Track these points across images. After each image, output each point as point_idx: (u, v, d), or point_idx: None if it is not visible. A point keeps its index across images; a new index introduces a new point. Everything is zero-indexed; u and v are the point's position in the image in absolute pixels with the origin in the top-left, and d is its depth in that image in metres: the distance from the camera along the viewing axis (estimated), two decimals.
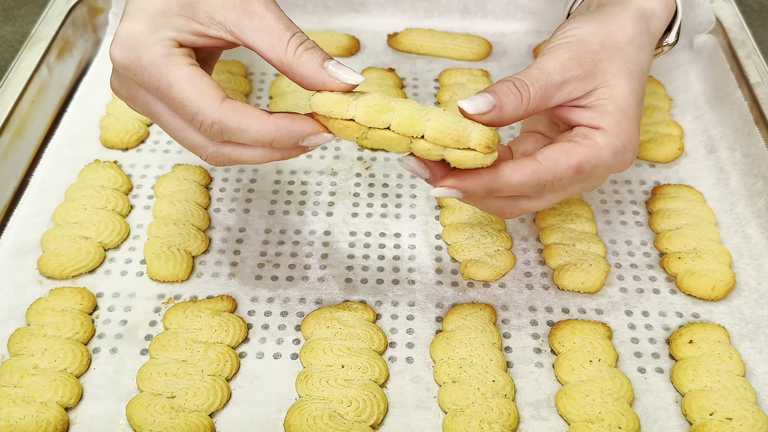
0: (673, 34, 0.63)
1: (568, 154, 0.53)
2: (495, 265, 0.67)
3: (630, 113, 0.55)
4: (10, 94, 0.78)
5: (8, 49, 1.00)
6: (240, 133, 0.50)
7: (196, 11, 0.52)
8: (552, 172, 0.53)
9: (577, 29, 0.56)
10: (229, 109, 0.50)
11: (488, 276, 0.67)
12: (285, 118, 0.51)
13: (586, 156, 0.54)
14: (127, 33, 0.51)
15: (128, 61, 0.51)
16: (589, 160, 0.54)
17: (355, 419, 0.56)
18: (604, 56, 0.55)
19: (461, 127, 0.50)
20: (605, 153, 0.54)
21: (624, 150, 0.55)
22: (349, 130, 0.50)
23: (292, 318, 0.64)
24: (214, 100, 0.50)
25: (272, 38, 0.51)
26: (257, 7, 0.52)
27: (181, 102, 0.50)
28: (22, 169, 0.77)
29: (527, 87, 0.53)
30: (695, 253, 0.68)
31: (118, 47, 0.51)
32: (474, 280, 0.67)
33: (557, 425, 0.58)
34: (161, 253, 0.67)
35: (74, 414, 0.58)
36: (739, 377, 0.59)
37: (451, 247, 0.70)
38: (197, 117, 0.50)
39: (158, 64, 0.50)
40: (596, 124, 0.55)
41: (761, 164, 0.74)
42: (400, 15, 0.95)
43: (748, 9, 1.09)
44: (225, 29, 0.52)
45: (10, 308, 0.64)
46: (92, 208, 0.71)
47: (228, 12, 0.52)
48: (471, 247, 0.69)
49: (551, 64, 0.54)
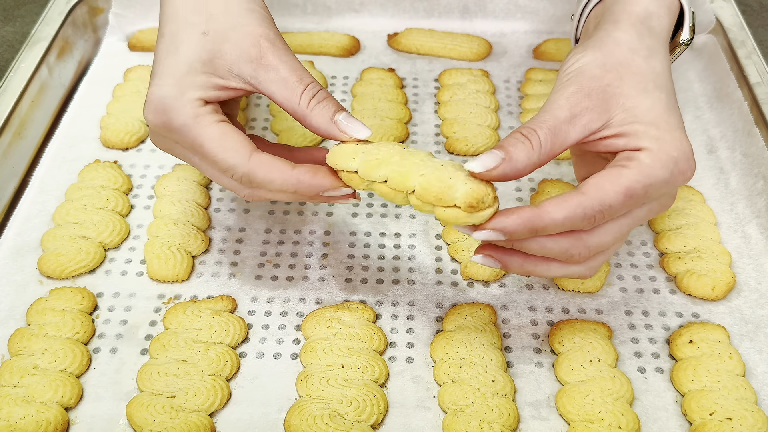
0: (686, 30, 0.60)
1: (613, 180, 0.50)
2: None
3: (664, 124, 0.52)
4: (10, 94, 0.78)
5: (8, 49, 1.00)
6: (266, 184, 0.55)
7: (216, 67, 0.55)
8: (598, 200, 0.49)
9: (574, 63, 0.55)
10: (256, 164, 0.54)
11: (488, 276, 0.67)
12: (307, 173, 0.54)
13: (634, 177, 0.50)
14: (158, 97, 0.55)
15: (161, 123, 0.56)
16: (639, 180, 0.50)
17: (355, 419, 0.56)
18: (611, 78, 0.53)
19: (446, 185, 0.49)
20: (655, 170, 0.50)
21: (676, 160, 0.51)
22: (354, 182, 0.54)
23: (292, 318, 0.64)
24: (242, 156, 0.54)
25: (287, 90, 0.55)
26: (272, 60, 0.55)
27: (213, 159, 0.55)
28: (22, 169, 0.77)
29: (535, 132, 0.51)
30: (695, 253, 0.68)
31: (150, 110, 0.56)
32: (474, 280, 0.67)
33: (557, 425, 0.58)
34: (161, 253, 0.67)
35: (74, 414, 0.58)
36: (739, 377, 0.59)
37: (451, 247, 0.70)
38: (228, 171, 0.55)
39: (189, 125, 0.55)
40: (635, 146, 0.51)
41: (761, 164, 0.74)
42: (400, 15, 0.95)
43: (748, 9, 1.09)
44: (244, 81, 0.56)
45: (10, 308, 0.64)
46: (92, 208, 0.71)
47: (245, 65, 0.55)
48: (471, 247, 0.69)
49: (557, 104, 0.52)
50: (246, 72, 0.55)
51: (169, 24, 0.57)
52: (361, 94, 0.85)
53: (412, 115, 0.84)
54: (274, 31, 0.57)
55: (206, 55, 0.55)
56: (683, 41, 0.61)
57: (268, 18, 0.58)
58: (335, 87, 0.87)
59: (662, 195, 0.53)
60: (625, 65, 0.54)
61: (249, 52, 0.55)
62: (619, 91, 0.53)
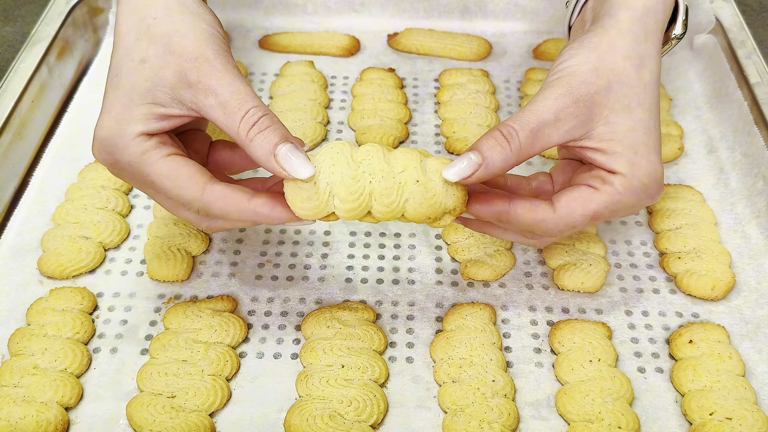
0: (679, 25, 0.60)
1: (584, 203, 0.53)
2: (495, 265, 0.67)
3: (641, 148, 0.53)
4: (10, 94, 0.78)
5: (8, 49, 1.01)
6: (223, 216, 0.53)
7: (156, 95, 0.52)
8: (564, 222, 0.53)
9: (567, 61, 0.54)
10: (211, 199, 0.52)
11: (488, 276, 0.67)
12: (266, 206, 0.52)
13: (604, 203, 0.53)
14: (101, 136, 0.53)
15: (109, 163, 0.54)
16: (608, 206, 0.53)
17: (355, 419, 0.56)
18: (600, 86, 0.53)
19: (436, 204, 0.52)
20: (625, 197, 0.53)
21: (646, 187, 0.53)
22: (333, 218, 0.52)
23: (292, 318, 0.64)
24: (195, 190, 0.52)
25: (226, 117, 0.51)
26: (212, 82, 0.51)
27: (167, 195, 0.53)
28: (22, 169, 0.77)
29: (516, 134, 0.51)
30: (695, 253, 0.68)
31: (96, 151, 0.54)
32: (474, 280, 0.67)
33: (557, 425, 0.58)
34: (161, 253, 0.67)
35: (74, 414, 0.58)
36: (739, 377, 0.59)
37: (451, 247, 0.70)
38: (183, 206, 0.54)
39: (135, 164, 0.52)
40: (610, 167, 0.53)
41: (761, 164, 0.74)
42: (400, 15, 0.95)
43: (748, 9, 1.09)
44: (186, 107, 0.52)
45: (11, 308, 0.64)
46: (92, 208, 0.71)
47: (185, 91, 0.51)
48: (471, 246, 0.69)
49: (543, 104, 0.52)
50: (186, 98, 0.52)
51: (115, 52, 0.54)
52: (361, 94, 0.85)
53: (412, 115, 0.84)
54: (217, 45, 0.53)
55: (146, 84, 0.52)
56: (675, 35, 0.61)
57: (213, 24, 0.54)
58: (335, 87, 0.87)
59: (625, 214, 0.56)
60: (617, 73, 0.54)
61: (187, 76, 0.51)
62: (605, 102, 0.53)
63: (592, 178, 0.54)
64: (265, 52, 0.92)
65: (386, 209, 0.51)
